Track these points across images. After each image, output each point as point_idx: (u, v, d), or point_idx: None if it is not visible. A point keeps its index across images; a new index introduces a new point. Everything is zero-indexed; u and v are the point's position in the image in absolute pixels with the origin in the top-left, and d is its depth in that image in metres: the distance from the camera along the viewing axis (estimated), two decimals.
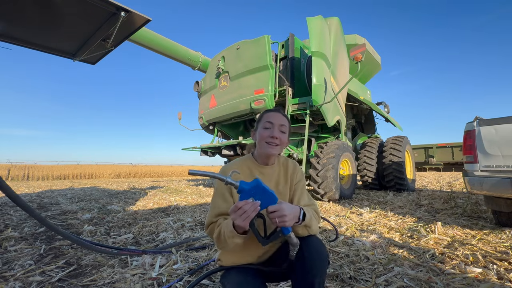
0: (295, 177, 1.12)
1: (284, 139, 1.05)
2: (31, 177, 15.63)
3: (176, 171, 23.19)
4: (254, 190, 0.80)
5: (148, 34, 5.68)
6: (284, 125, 1.05)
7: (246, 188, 0.80)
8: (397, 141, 6.54)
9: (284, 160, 1.17)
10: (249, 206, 0.77)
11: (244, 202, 0.77)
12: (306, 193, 1.11)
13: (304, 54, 5.70)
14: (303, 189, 1.12)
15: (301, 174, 1.14)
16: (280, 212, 0.79)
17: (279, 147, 1.04)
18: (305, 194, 1.10)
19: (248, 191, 0.80)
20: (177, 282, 1.53)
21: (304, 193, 1.10)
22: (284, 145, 1.07)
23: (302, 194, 1.09)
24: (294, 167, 1.15)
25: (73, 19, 2.43)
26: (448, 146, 17.15)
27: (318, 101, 4.49)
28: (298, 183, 1.11)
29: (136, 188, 8.45)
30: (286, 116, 1.10)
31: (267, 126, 1.03)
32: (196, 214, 3.59)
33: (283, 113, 1.10)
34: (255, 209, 0.77)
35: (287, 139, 1.08)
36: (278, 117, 1.05)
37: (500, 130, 2.43)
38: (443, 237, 2.37)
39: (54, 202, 5.20)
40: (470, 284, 1.47)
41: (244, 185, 0.80)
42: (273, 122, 1.03)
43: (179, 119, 7.24)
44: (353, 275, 1.59)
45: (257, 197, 0.79)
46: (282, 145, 1.05)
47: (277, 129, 1.03)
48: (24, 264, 1.87)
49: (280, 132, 1.03)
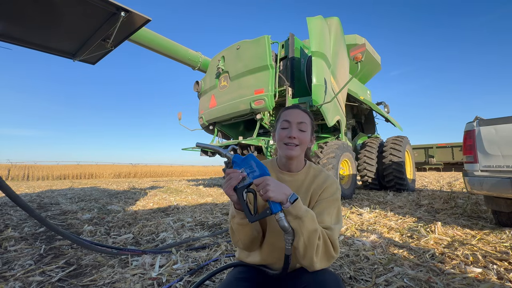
0: (322, 191, 0.94)
1: (304, 138, 0.93)
2: (31, 177, 15.64)
3: (176, 171, 23.20)
4: (244, 162, 0.82)
5: (148, 34, 5.68)
6: (304, 123, 0.94)
7: (238, 160, 0.83)
8: (397, 141, 6.54)
9: (317, 171, 1.00)
10: (234, 173, 0.79)
11: (231, 170, 0.80)
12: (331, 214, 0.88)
13: (304, 54, 5.70)
14: (330, 208, 0.90)
15: (332, 192, 0.93)
16: (264, 183, 0.75)
17: (298, 148, 0.93)
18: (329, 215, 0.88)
19: (238, 164, 0.83)
20: (177, 282, 1.53)
21: (328, 212, 0.88)
22: (305, 144, 0.95)
23: (324, 212, 0.88)
24: (324, 181, 0.95)
25: (73, 19, 2.43)
26: (448, 146, 17.15)
27: (318, 101, 4.49)
28: (325, 200, 0.91)
29: (136, 188, 8.45)
30: (307, 111, 0.99)
31: (285, 125, 0.94)
32: (196, 214, 3.59)
33: (303, 108, 0.99)
34: (238, 176, 0.78)
35: (309, 137, 0.96)
36: (296, 114, 0.95)
37: (500, 130, 2.43)
38: (443, 237, 2.37)
39: (54, 202, 5.20)
40: (470, 284, 1.47)
41: (237, 157, 0.84)
42: (291, 121, 0.93)
43: (179, 119, 7.24)
44: (353, 275, 1.59)
45: (248, 170, 0.81)
46: (302, 145, 0.94)
47: (295, 128, 0.93)
48: (24, 264, 1.87)
49: (299, 131, 0.93)
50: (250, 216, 0.79)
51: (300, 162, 1.00)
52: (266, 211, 0.78)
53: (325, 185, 0.95)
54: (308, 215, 0.76)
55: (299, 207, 0.76)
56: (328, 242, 0.79)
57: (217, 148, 0.92)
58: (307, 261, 0.77)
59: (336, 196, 0.93)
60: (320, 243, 0.77)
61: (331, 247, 0.79)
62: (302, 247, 0.75)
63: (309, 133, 0.96)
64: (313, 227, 0.76)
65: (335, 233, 0.82)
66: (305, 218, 0.75)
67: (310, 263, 0.77)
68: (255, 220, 0.78)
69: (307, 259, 0.77)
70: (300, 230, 0.75)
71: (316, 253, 0.76)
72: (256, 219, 0.79)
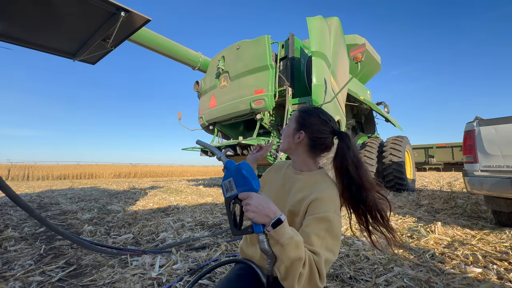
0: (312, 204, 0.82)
1: (285, 132, 1.02)
2: (31, 177, 15.63)
3: (176, 171, 23.20)
4: (234, 172, 0.77)
5: (148, 34, 5.68)
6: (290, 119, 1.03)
7: (230, 167, 0.80)
8: (397, 141, 6.55)
9: (321, 179, 0.92)
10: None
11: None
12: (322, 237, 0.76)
13: (304, 54, 5.70)
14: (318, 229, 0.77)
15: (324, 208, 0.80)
16: (246, 201, 0.70)
17: (283, 143, 1.02)
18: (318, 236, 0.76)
19: (229, 171, 0.79)
20: (177, 282, 1.53)
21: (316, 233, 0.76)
22: (286, 138, 1.00)
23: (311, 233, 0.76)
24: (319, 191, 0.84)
25: (73, 19, 2.43)
26: (448, 146, 17.15)
27: (318, 101, 4.49)
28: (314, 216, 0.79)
29: (136, 188, 8.45)
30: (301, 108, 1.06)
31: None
32: (196, 214, 3.59)
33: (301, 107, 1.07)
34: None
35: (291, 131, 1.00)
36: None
37: (500, 130, 2.43)
38: (443, 237, 2.37)
39: (54, 202, 5.20)
40: (470, 284, 1.47)
41: (230, 163, 0.81)
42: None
43: (179, 119, 7.24)
44: (353, 275, 1.59)
45: (236, 181, 0.75)
46: (284, 139, 1.01)
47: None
48: (24, 264, 1.87)
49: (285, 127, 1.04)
50: (233, 229, 0.75)
51: (302, 161, 0.98)
52: (248, 228, 0.72)
53: (318, 194, 0.82)
54: (291, 243, 0.66)
55: (281, 233, 0.67)
56: (315, 271, 0.70)
57: (214, 150, 0.93)
58: (288, 285, 0.70)
59: (328, 214, 0.78)
60: (304, 271, 0.68)
61: (317, 276, 0.70)
62: (284, 272, 0.69)
63: (291, 128, 0.99)
64: (296, 255, 0.67)
65: (322, 261, 0.72)
66: (287, 246, 0.66)
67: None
68: (237, 234, 0.75)
69: (288, 283, 0.70)
70: (281, 257, 0.68)
71: (298, 281, 0.68)
72: (238, 233, 0.74)
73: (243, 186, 0.73)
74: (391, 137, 6.93)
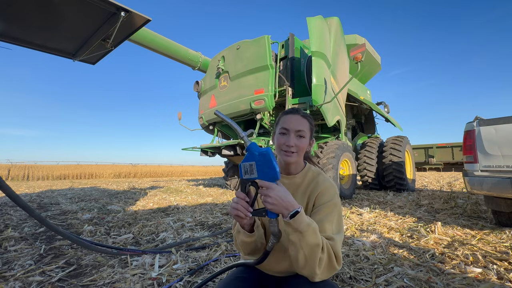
0: (318, 194, 0.91)
1: (302, 145, 0.93)
2: (31, 177, 15.64)
3: (176, 171, 23.20)
4: (259, 157, 0.75)
5: (148, 34, 5.68)
6: (302, 130, 0.93)
7: (254, 151, 0.76)
8: (397, 141, 6.55)
9: (315, 174, 0.98)
10: (242, 203, 0.76)
11: (240, 195, 0.77)
12: (332, 221, 0.85)
13: (304, 54, 5.70)
14: (330, 214, 0.86)
15: (329, 197, 0.90)
16: (266, 191, 0.72)
17: (296, 154, 0.93)
18: (330, 222, 0.84)
19: (252, 155, 0.76)
20: (177, 282, 1.53)
21: (329, 219, 0.85)
22: (303, 151, 0.95)
23: (324, 219, 0.84)
24: (321, 184, 0.93)
25: (73, 19, 2.43)
26: (448, 146, 17.16)
27: (318, 101, 4.50)
28: (323, 206, 0.88)
29: (136, 188, 8.45)
30: (306, 116, 0.98)
31: (283, 131, 0.94)
32: (196, 214, 3.59)
33: (303, 113, 0.98)
34: (244, 211, 0.75)
35: (307, 143, 0.96)
36: (295, 121, 0.94)
37: (500, 130, 2.43)
38: (443, 237, 2.37)
39: (54, 202, 5.20)
40: (470, 284, 1.47)
41: (254, 146, 0.77)
42: (289, 129, 0.93)
43: (179, 119, 7.25)
44: (353, 275, 1.59)
45: (258, 165, 0.75)
46: (300, 152, 0.94)
47: (293, 136, 0.92)
48: (24, 264, 1.87)
49: (297, 138, 0.92)
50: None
51: (298, 165, 0.99)
52: (262, 212, 0.75)
53: (321, 188, 0.92)
54: (309, 229, 0.72)
55: (299, 221, 0.72)
56: (332, 255, 0.75)
57: (236, 127, 0.84)
58: (308, 272, 0.75)
59: (334, 201, 0.89)
60: (324, 256, 0.73)
61: (334, 260, 0.76)
62: (302, 260, 0.73)
63: (307, 138, 0.95)
64: (315, 241, 0.72)
65: (337, 244, 0.79)
66: (306, 232, 0.71)
67: (310, 274, 0.75)
68: (251, 215, 0.78)
69: (307, 270, 0.74)
70: (300, 244, 0.72)
71: (319, 266, 0.73)
72: (252, 215, 0.78)
73: (266, 172, 0.74)
74: (391, 137, 6.94)
